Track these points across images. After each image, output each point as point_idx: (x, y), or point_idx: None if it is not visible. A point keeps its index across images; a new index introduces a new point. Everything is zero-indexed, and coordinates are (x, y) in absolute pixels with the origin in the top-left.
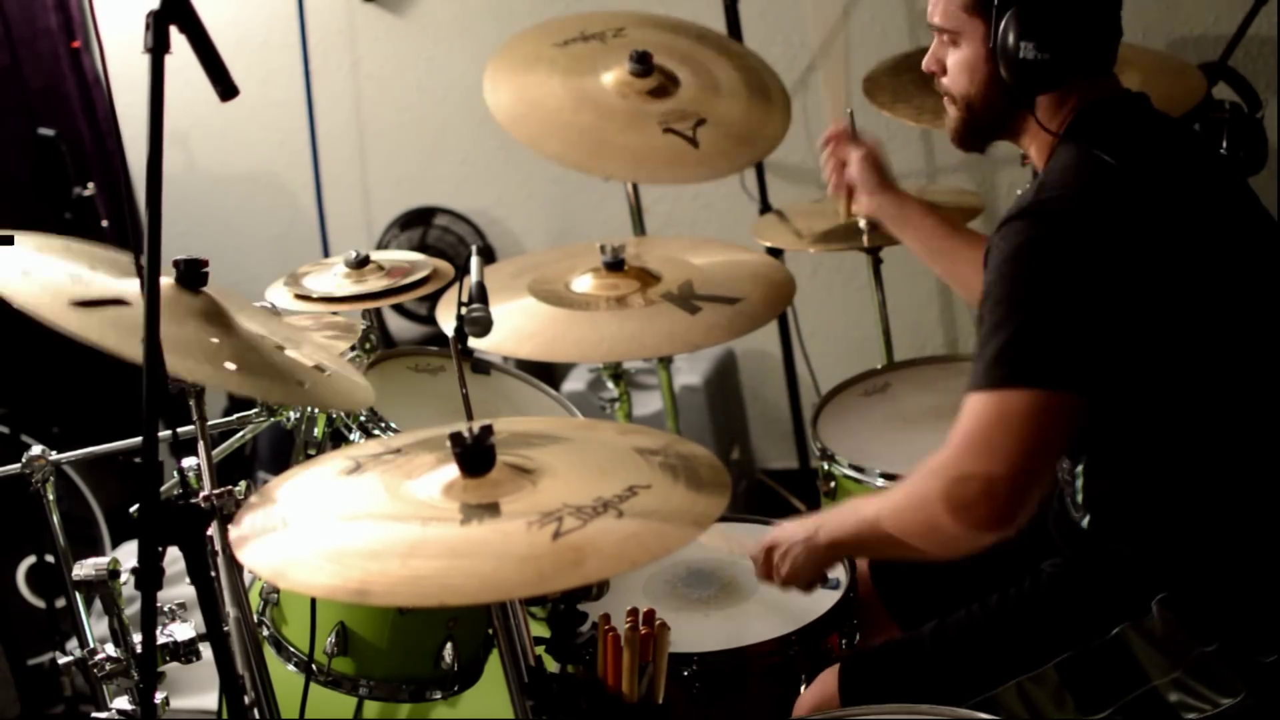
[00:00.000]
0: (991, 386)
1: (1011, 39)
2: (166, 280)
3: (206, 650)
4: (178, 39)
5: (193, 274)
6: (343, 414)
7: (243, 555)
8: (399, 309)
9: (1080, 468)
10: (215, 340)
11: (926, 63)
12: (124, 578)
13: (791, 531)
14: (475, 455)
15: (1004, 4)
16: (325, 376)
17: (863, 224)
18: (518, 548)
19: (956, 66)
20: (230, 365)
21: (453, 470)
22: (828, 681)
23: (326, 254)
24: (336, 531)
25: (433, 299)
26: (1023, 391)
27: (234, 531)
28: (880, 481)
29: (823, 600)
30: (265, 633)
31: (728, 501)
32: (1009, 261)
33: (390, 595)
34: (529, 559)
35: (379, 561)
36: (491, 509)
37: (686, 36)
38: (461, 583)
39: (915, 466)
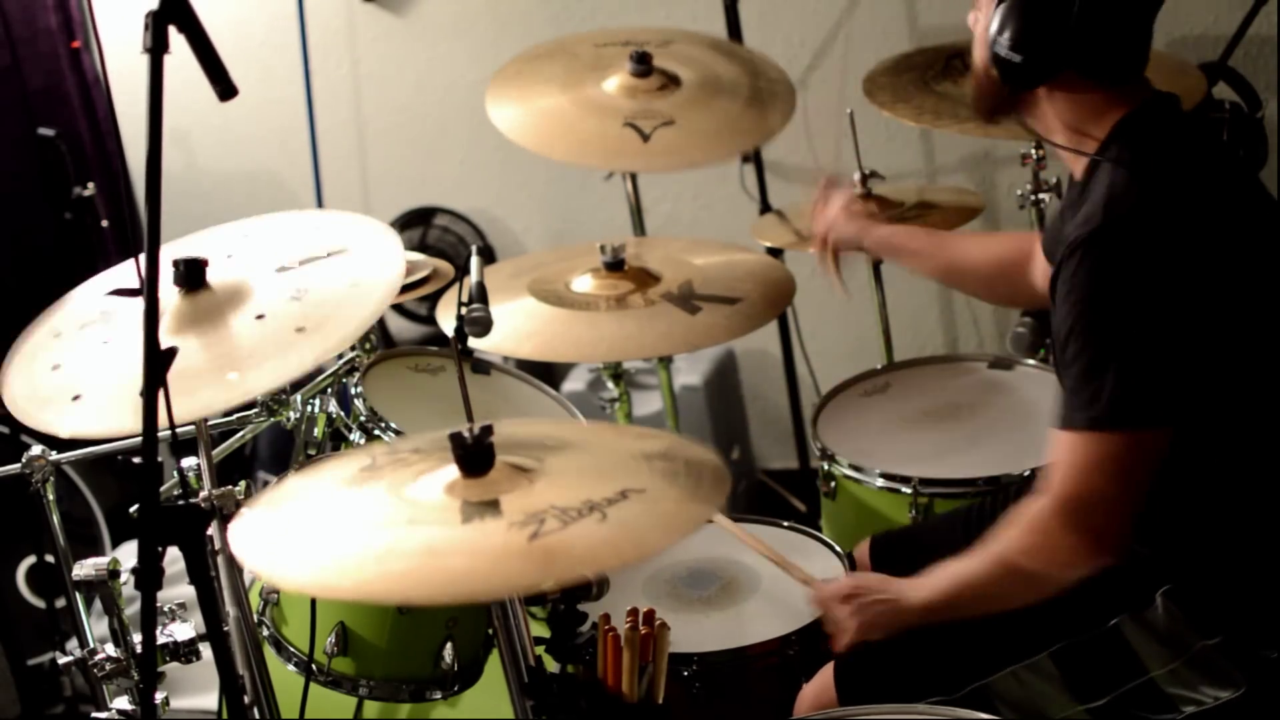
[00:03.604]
0: (1097, 428)
1: (995, 29)
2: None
3: (206, 650)
4: (177, 39)
5: (192, 274)
6: (342, 414)
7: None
8: (399, 309)
9: None
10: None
11: (971, 20)
12: (124, 578)
13: (875, 585)
14: (473, 455)
15: None
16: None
17: None
18: (493, 548)
19: (976, 37)
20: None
21: (451, 471)
22: (826, 677)
23: None
24: (322, 530)
25: (433, 299)
26: (1129, 434)
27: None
28: (880, 481)
29: None
30: (265, 633)
31: (718, 508)
32: (1092, 293)
33: (357, 591)
34: (501, 559)
35: (354, 559)
36: (485, 508)
37: (717, 51)
38: (428, 579)
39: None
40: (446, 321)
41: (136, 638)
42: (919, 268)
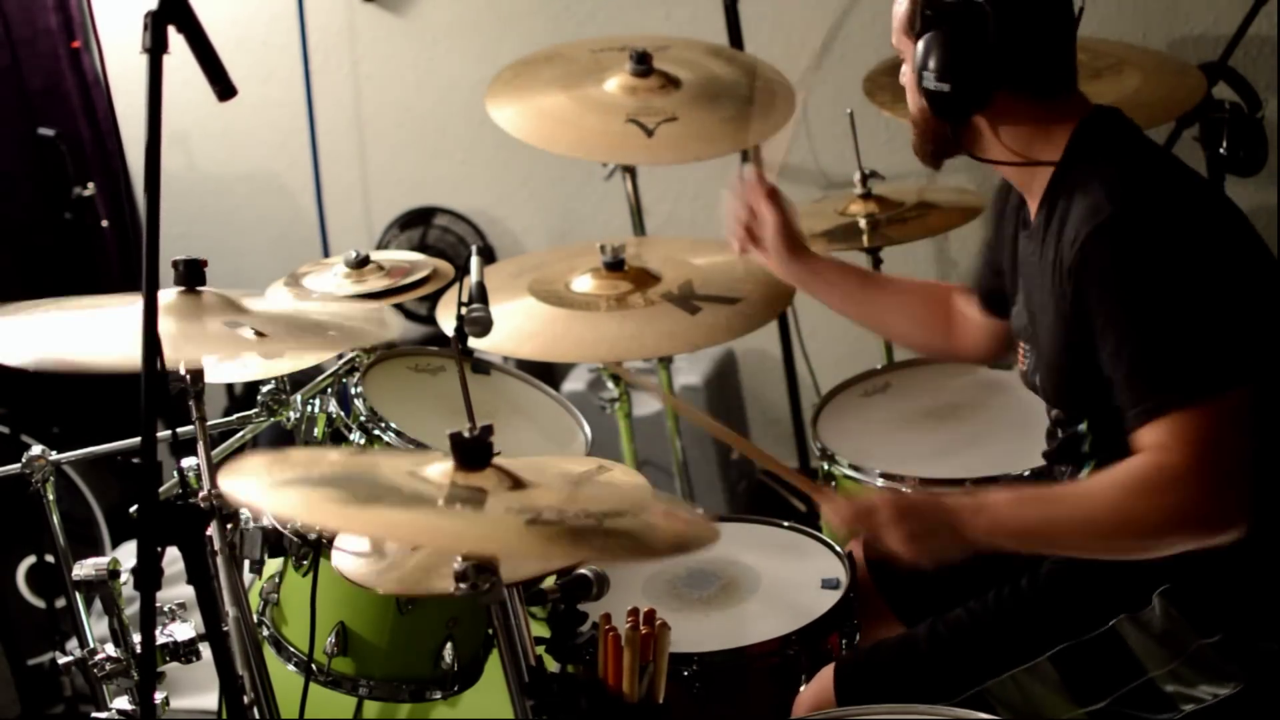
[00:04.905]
0: (1189, 403)
1: (919, 64)
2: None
3: (206, 650)
4: (176, 39)
5: (192, 274)
6: (342, 414)
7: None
8: (399, 309)
9: (1092, 464)
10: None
11: (902, 76)
12: (124, 578)
13: (931, 503)
14: (473, 450)
15: (923, 29)
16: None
17: (863, 224)
18: (491, 519)
19: (908, 86)
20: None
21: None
22: (824, 679)
23: (326, 254)
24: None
25: (433, 299)
26: (1219, 400)
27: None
28: (880, 481)
29: (823, 600)
30: (265, 633)
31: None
32: (1131, 275)
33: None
34: (499, 525)
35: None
36: (478, 494)
37: (714, 55)
38: (427, 535)
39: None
40: (446, 321)
41: (136, 638)
42: (834, 301)
